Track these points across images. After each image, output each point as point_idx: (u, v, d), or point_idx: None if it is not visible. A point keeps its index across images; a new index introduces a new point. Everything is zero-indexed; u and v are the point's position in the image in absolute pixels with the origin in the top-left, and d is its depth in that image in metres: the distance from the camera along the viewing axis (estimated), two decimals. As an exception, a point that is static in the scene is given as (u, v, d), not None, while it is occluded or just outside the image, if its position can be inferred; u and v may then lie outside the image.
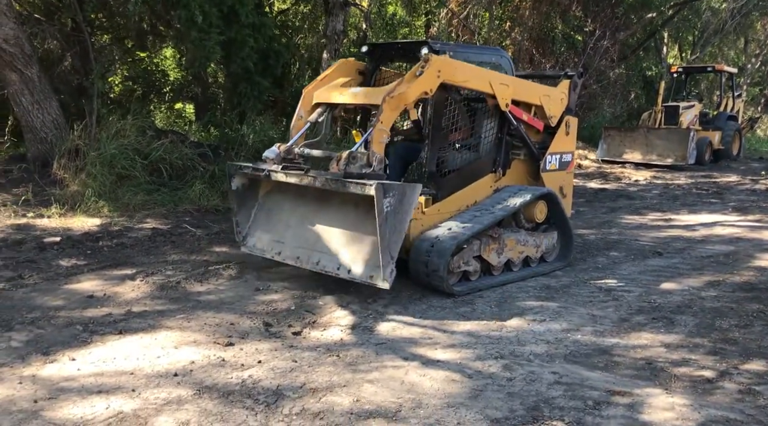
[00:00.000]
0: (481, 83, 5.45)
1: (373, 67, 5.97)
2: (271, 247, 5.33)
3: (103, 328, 4.24)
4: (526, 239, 5.66)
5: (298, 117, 5.56)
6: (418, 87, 4.89)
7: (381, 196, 4.27)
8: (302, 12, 15.42)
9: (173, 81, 14.71)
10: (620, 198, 10.58)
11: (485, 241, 5.28)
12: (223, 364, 3.71)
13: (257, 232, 5.51)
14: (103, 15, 11.17)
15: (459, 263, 5.10)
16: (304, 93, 5.59)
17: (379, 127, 4.75)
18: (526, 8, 17.42)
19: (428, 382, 3.50)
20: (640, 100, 20.95)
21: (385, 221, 4.33)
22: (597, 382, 3.53)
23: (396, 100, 4.82)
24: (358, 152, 4.73)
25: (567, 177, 6.45)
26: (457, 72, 5.19)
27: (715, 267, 6.10)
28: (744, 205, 9.71)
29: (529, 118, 6.02)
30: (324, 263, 4.89)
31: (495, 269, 5.44)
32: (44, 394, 3.29)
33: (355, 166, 4.64)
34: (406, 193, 4.47)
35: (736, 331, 4.37)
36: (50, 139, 8.43)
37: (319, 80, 5.69)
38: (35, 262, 5.67)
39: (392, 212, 4.37)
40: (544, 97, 6.10)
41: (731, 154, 15.88)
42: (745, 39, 26.67)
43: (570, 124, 6.38)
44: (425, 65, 4.92)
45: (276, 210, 5.42)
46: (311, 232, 5.09)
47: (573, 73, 6.47)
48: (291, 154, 5.16)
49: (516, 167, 6.12)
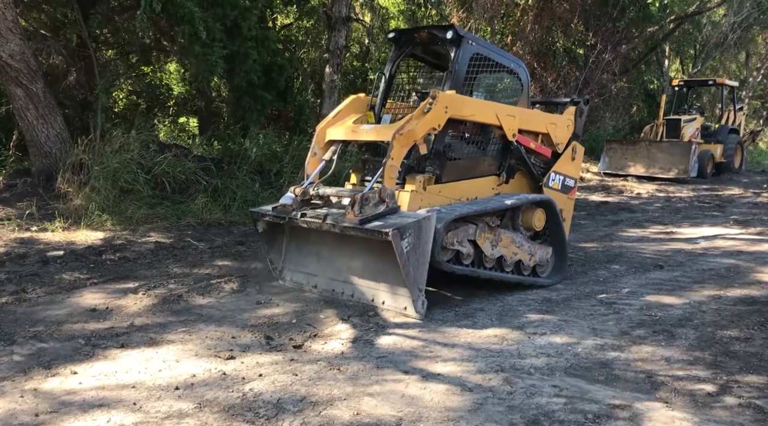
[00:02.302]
0: (488, 116, 5.57)
1: (395, 56, 5.99)
2: (306, 281, 5.51)
3: (105, 341, 4.26)
4: (521, 242, 5.68)
5: (312, 154, 5.64)
6: (427, 124, 5.02)
7: (398, 240, 4.44)
8: (305, 26, 15.56)
9: (177, 95, 14.85)
10: (622, 211, 10.59)
11: (482, 227, 5.32)
12: (224, 377, 3.72)
13: (291, 266, 5.66)
14: (108, 30, 11.29)
15: (453, 240, 5.11)
16: (318, 130, 5.68)
17: (390, 163, 4.90)
18: (528, 22, 17.55)
19: (429, 396, 3.51)
20: (642, 113, 21.02)
21: (407, 260, 4.52)
22: (597, 396, 3.53)
23: (405, 138, 4.96)
24: (370, 193, 4.83)
25: (568, 202, 6.48)
26: (464, 107, 5.30)
27: (716, 280, 6.10)
28: (746, 218, 9.72)
29: (537, 145, 6.12)
30: (358, 296, 5.08)
31: (487, 261, 5.43)
32: (46, 408, 3.30)
33: (369, 207, 4.77)
34: (422, 227, 4.61)
35: (736, 345, 4.37)
36: (54, 154, 8.50)
37: (331, 117, 5.78)
38: (38, 276, 5.71)
39: (412, 250, 4.54)
40: (551, 125, 6.21)
41: (733, 167, 15.89)
42: (746, 53, 26.77)
43: (576, 150, 6.48)
44: (433, 102, 5.03)
45: (305, 243, 5.53)
46: (342, 264, 5.23)
47: (579, 99, 6.60)
48: (307, 196, 5.29)
49: (519, 179, 6.17)
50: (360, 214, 4.72)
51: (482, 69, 5.71)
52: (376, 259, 4.93)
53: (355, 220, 4.69)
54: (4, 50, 7.88)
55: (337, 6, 11.85)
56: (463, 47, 5.44)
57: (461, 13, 16.47)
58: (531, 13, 17.63)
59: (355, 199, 4.77)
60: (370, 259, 4.99)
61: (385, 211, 4.77)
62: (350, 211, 4.76)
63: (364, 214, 4.72)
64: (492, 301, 5.30)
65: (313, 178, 5.51)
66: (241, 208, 8.28)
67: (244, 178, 9.04)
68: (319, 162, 5.62)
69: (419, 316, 4.71)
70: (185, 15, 8.20)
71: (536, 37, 17.59)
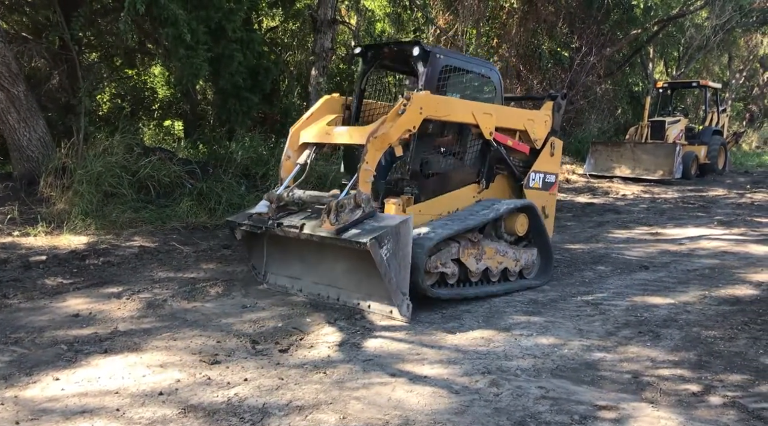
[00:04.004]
0: (464, 115, 5.52)
1: (364, 70, 5.98)
2: (291, 284, 5.45)
3: (88, 347, 4.20)
4: (505, 250, 5.66)
5: (286, 157, 5.57)
6: (401, 126, 4.95)
7: (377, 249, 4.39)
8: (291, 29, 15.52)
9: (162, 98, 14.74)
10: (608, 212, 10.64)
11: (464, 244, 5.27)
12: (209, 382, 3.69)
13: (274, 269, 5.60)
14: (91, 33, 11.19)
15: (437, 264, 5.08)
16: (291, 132, 5.60)
17: (364, 167, 4.82)
18: (513, 25, 17.63)
19: (415, 399, 3.49)
20: (627, 115, 21.17)
21: (388, 267, 4.48)
22: (583, 397, 3.53)
23: (380, 141, 4.89)
24: (345, 199, 4.74)
25: (550, 198, 6.48)
26: (439, 107, 5.24)
27: (700, 280, 6.14)
28: (729, 219, 9.80)
29: (514, 142, 6.07)
30: (344, 299, 5.04)
31: (473, 275, 5.41)
32: (26, 416, 3.25)
33: (345, 214, 4.68)
34: (400, 231, 4.54)
35: (721, 344, 4.39)
36: (37, 157, 8.40)
37: (305, 119, 5.70)
38: (20, 281, 5.63)
39: (392, 256, 4.49)
40: (528, 122, 6.17)
41: (717, 169, 16.04)
42: (728, 55, 27.06)
43: (555, 145, 6.43)
44: (407, 103, 4.96)
45: (287, 248, 5.45)
46: (325, 268, 5.16)
47: (557, 94, 6.53)
48: (282, 201, 5.21)
49: (500, 182, 6.16)
50: (336, 223, 4.64)
51: (453, 79, 5.71)
52: (359, 263, 4.84)
53: (332, 230, 4.62)
54: (-15, 53, 7.79)
55: (322, 8, 11.84)
56: (431, 61, 5.42)
57: (447, 15, 16.52)
58: (516, 16, 17.71)
59: (330, 206, 4.69)
60: (353, 262, 4.92)
61: (362, 216, 4.68)
62: (326, 220, 4.69)
63: (341, 222, 4.64)
64: (478, 303, 5.30)
65: (288, 183, 5.43)
66: (227, 211, 8.22)
67: (230, 181, 8.99)
68: (293, 165, 5.54)
69: (405, 319, 4.69)
70: (169, 17, 8.13)
71: (522, 39, 17.67)
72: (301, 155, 5.56)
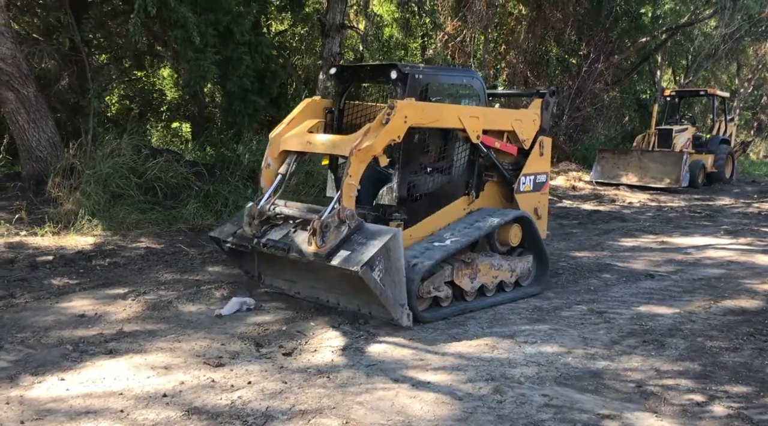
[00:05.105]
0: (450, 120, 5.38)
1: (342, 89, 5.84)
2: (288, 287, 5.38)
3: (93, 347, 4.22)
4: (500, 263, 5.54)
5: (266, 165, 5.40)
6: (386, 136, 4.80)
7: (370, 274, 4.30)
8: (299, 33, 15.58)
9: (170, 100, 14.81)
10: (614, 220, 10.61)
11: (457, 266, 5.16)
12: (212, 385, 3.70)
13: (269, 271, 5.51)
14: (101, 35, 11.26)
15: (429, 289, 4.98)
16: (271, 139, 5.44)
17: (348, 181, 4.67)
18: (522, 31, 17.63)
19: (418, 405, 3.49)
20: (634, 122, 21.11)
21: (383, 288, 4.40)
22: (587, 405, 3.53)
23: (364, 153, 4.73)
24: (329, 218, 4.55)
25: (542, 198, 6.35)
26: (424, 114, 5.10)
27: (706, 290, 6.12)
28: (736, 229, 9.76)
29: (502, 144, 5.93)
30: (344, 304, 4.99)
31: (468, 295, 5.32)
32: (31, 415, 3.27)
33: (330, 233, 4.52)
34: (390, 248, 4.43)
35: (726, 355, 4.38)
36: (45, 158, 8.45)
37: (286, 124, 5.53)
38: (27, 281, 5.66)
39: (386, 274, 4.40)
40: (516, 122, 6.00)
41: (724, 178, 15.97)
42: (737, 64, 26.98)
43: (544, 144, 6.27)
44: (391, 112, 4.80)
45: (278, 257, 5.26)
46: (321, 275, 5.03)
47: (545, 91, 6.35)
48: (265, 215, 5.06)
49: (490, 190, 6.03)
50: (323, 244, 4.49)
51: (434, 94, 5.59)
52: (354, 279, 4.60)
53: (320, 253, 4.49)
54: (-4, 53, 7.85)
55: (331, 13, 11.87)
56: (410, 83, 5.26)
57: (455, 21, 16.53)
58: (524, 23, 17.71)
59: (315, 227, 4.49)
60: (348, 277, 4.66)
61: (348, 233, 4.54)
62: (312, 242, 4.53)
63: (327, 243, 4.49)
64: (483, 310, 5.29)
65: (270, 195, 5.24)
66: (233, 213, 8.23)
67: (237, 183, 9.01)
68: (273, 174, 5.37)
69: (409, 326, 4.65)
70: (179, 20, 8.18)
71: (529, 46, 17.65)
72: (281, 164, 5.39)
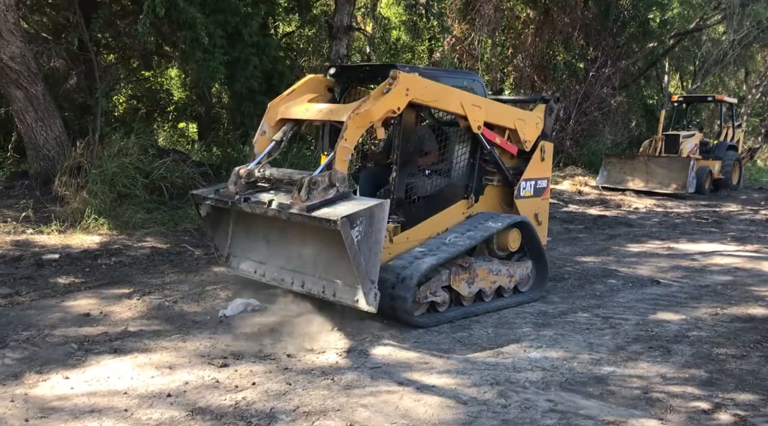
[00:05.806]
0: (451, 103, 5.23)
1: (340, 89, 5.77)
2: (254, 269, 5.19)
3: (98, 346, 4.23)
4: (498, 269, 5.46)
5: (261, 132, 5.30)
6: (385, 104, 4.68)
7: (348, 229, 4.09)
8: (307, 35, 15.61)
9: (177, 100, 14.85)
10: (620, 225, 10.57)
11: (455, 270, 5.09)
12: (217, 385, 3.70)
13: (238, 252, 5.36)
14: (110, 35, 11.30)
15: (426, 294, 4.92)
16: (269, 106, 5.34)
17: (342, 144, 4.52)
18: (529, 35, 17.62)
19: (423, 408, 3.48)
20: (641, 128, 21.06)
21: (358, 251, 4.17)
22: (592, 411, 3.51)
23: (361, 118, 4.59)
24: (319, 176, 4.46)
25: (542, 203, 6.26)
26: (426, 91, 4.97)
27: (712, 297, 6.09)
28: (743, 235, 9.71)
29: (503, 141, 5.81)
30: (309, 286, 4.77)
31: (465, 300, 5.25)
32: (35, 414, 3.27)
33: (317, 192, 4.41)
34: (374, 214, 4.26)
35: (732, 362, 4.35)
36: (53, 156, 8.48)
37: (285, 94, 5.43)
38: (33, 279, 5.68)
39: (363, 239, 4.20)
40: (519, 121, 5.89)
41: (731, 184, 15.91)
42: (745, 70, 26.89)
43: (545, 149, 6.17)
44: (393, 82, 4.72)
45: (253, 228, 5.24)
46: (293, 252, 4.90)
47: (549, 97, 6.29)
48: (253, 177, 4.95)
49: (489, 194, 5.94)
50: (307, 200, 4.37)
51: None
52: (327, 247, 4.54)
53: (302, 206, 4.35)
54: (5, 52, 7.89)
55: (339, 15, 11.89)
56: None
57: (463, 24, 16.54)
58: (532, 26, 17.70)
59: (302, 182, 4.40)
60: (321, 246, 4.64)
61: (335, 196, 4.39)
62: (297, 196, 4.41)
63: (312, 200, 4.35)
64: (488, 313, 5.28)
65: (261, 159, 5.13)
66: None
67: (243, 184, 9.02)
68: (268, 141, 5.26)
69: (372, 309, 4.33)
70: (187, 20, 8.21)
71: (537, 50, 17.64)
72: (277, 132, 5.28)
